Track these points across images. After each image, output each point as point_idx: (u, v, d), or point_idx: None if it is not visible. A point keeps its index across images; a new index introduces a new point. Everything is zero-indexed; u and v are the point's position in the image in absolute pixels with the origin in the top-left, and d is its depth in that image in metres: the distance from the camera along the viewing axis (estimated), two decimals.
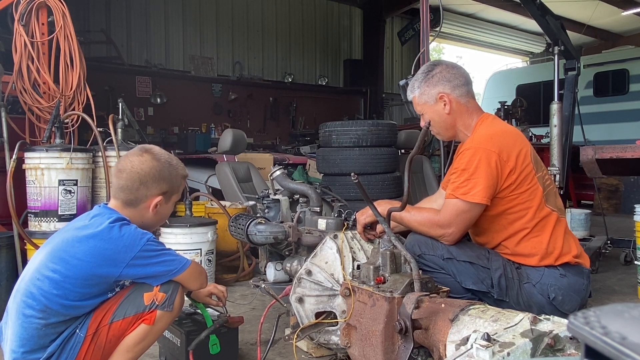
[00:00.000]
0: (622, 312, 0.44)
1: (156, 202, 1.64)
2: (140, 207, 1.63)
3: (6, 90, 3.42)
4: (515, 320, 1.21)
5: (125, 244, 1.50)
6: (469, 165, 1.87)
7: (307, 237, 2.04)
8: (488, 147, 1.87)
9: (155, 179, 1.62)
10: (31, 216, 3.07)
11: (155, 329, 1.58)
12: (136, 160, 1.62)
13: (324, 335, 1.85)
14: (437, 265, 1.96)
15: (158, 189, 1.63)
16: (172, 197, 1.70)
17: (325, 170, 4.19)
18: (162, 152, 1.70)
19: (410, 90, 2.12)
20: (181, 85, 9.08)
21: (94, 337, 1.51)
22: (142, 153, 1.65)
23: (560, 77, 4.24)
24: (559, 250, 1.94)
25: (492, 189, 1.87)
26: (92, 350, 1.51)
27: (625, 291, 3.24)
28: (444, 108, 2.02)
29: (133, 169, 1.61)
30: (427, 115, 2.07)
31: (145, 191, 1.61)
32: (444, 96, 2.01)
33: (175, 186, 1.69)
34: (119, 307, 1.55)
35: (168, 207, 1.71)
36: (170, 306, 1.58)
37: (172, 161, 1.70)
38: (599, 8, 10.62)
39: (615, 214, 7.33)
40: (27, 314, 1.46)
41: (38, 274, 1.49)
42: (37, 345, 1.47)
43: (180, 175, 1.72)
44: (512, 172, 1.88)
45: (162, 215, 1.71)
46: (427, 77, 2.05)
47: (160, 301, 1.56)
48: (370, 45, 11.08)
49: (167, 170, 1.65)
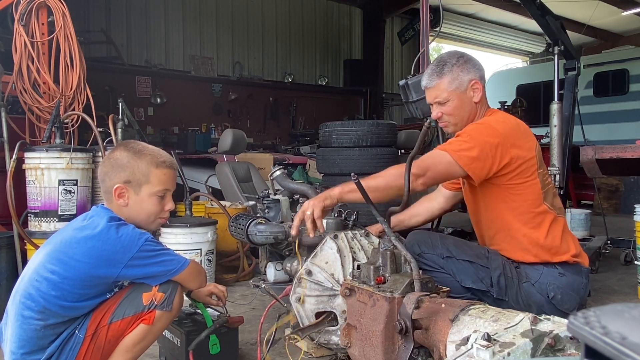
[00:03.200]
0: (622, 312, 0.44)
1: (115, 190, 1.59)
2: (112, 199, 1.61)
3: (6, 90, 3.43)
4: (515, 320, 1.21)
5: (123, 244, 1.49)
6: (473, 132, 1.87)
7: (307, 237, 2.04)
8: (496, 127, 1.88)
9: (114, 167, 1.61)
10: (31, 216, 3.07)
11: (154, 329, 1.58)
12: (108, 153, 1.68)
13: (324, 335, 1.85)
14: (436, 264, 1.96)
15: (117, 177, 1.59)
16: (141, 187, 1.60)
17: (325, 170, 4.20)
18: (140, 143, 1.67)
19: (437, 75, 2.00)
20: (181, 85, 9.08)
21: (93, 337, 1.51)
22: (117, 146, 1.69)
23: (560, 77, 4.24)
24: (557, 247, 1.94)
25: (481, 162, 1.83)
26: (91, 350, 1.51)
27: (625, 291, 3.24)
28: (473, 96, 1.99)
29: (103, 161, 1.67)
30: (452, 103, 1.99)
31: (109, 181, 1.61)
32: (476, 83, 1.98)
33: (140, 175, 1.59)
34: (117, 308, 1.54)
35: (142, 199, 1.61)
36: (169, 306, 1.57)
37: (141, 148, 1.63)
38: (599, 8, 10.62)
39: (615, 214, 7.33)
40: (26, 315, 1.46)
41: (36, 274, 1.49)
42: (37, 346, 1.47)
43: (147, 163, 1.60)
44: (513, 160, 1.87)
45: (139, 208, 1.62)
46: (459, 62, 1.98)
47: (159, 301, 1.55)
48: (370, 45, 11.09)
49: (126, 158, 1.60)
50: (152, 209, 1.64)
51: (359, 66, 11.15)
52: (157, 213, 1.66)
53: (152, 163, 1.62)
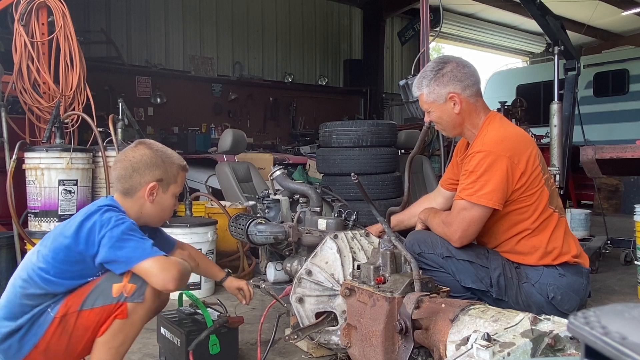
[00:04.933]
0: (622, 312, 0.44)
1: (150, 188, 1.63)
2: (136, 196, 1.64)
3: (6, 90, 3.43)
4: (515, 320, 1.21)
5: (102, 222, 1.49)
6: (477, 168, 1.86)
7: (307, 237, 2.04)
8: (499, 151, 1.86)
9: (147, 166, 1.64)
10: (31, 216, 3.07)
11: (130, 322, 1.51)
12: (130, 151, 1.68)
13: (324, 335, 1.85)
14: (436, 264, 1.96)
15: (151, 175, 1.64)
16: (169, 187, 1.69)
17: (325, 170, 4.19)
18: (158, 143, 1.74)
19: (418, 87, 2.05)
20: (181, 85, 9.07)
21: (62, 321, 1.49)
22: (137, 144, 1.71)
23: (560, 77, 4.24)
24: (559, 249, 1.94)
25: (502, 192, 1.85)
26: (58, 333, 1.49)
27: (625, 291, 3.24)
28: (453, 108, 1.98)
29: (126, 158, 1.66)
30: (434, 113, 2.02)
31: (139, 178, 1.63)
32: (455, 96, 1.96)
33: (171, 175, 1.69)
34: (89, 295, 1.51)
35: (167, 197, 1.69)
36: (140, 297, 1.50)
37: (167, 151, 1.72)
38: (599, 8, 10.62)
39: (615, 214, 7.33)
40: (15, 284, 1.53)
41: (35, 249, 1.59)
42: (11, 314, 1.50)
43: (177, 165, 1.71)
44: (523, 175, 1.88)
45: (161, 206, 1.69)
46: (437, 75, 1.97)
47: (129, 293, 1.49)
48: (370, 45, 11.08)
49: (159, 158, 1.67)
50: (170, 208, 1.74)
51: (359, 66, 11.14)
52: (170, 212, 1.76)
53: (180, 166, 1.73)
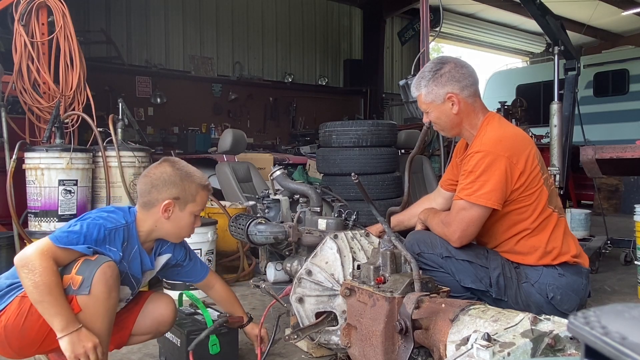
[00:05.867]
0: (622, 312, 0.44)
1: (165, 205, 1.66)
2: (152, 211, 1.68)
3: (6, 90, 3.43)
4: (515, 320, 1.21)
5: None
6: (476, 168, 1.87)
7: (307, 237, 2.04)
8: (498, 151, 1.86)
9: (165, 183, 1.68)
10: (31, 216, 3.07)
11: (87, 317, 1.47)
12: (153, 167, 1.73)
13: (324, 335, 1.85)
14: (436, 264, 1.96)
15: (168, 193, 1.67)
16: (187, 205, 1.70)
17: (325, 170, 4.19)
18: (182, 162, 1.77)
19: (416, 87, 2.05)
20: (181, 85, 9.08)
21: (21, 301, 1.50)
22: (162, 161, 1.75)
23: (560, 77, 4.23)
24: (558, 249, 1.94)
25: (501, 192, 1.85)
26: (15, 313, 1.49)
27: (625, 291, 3.24)
28: (451, 108, 1.98)
29: (148, 174, 1.71)
30: (432, 114, 2.03)
31: (157, 194, 1.67)
32: (453, 97, 1.96)
33: (189, 194, 1.70)
34: None
35: (183, 216, 1.71)
36: (86, 289, 1.46)
37: (189, 169, 1.74)
38: (599, 8, 10.61)
39: (615, 214, 7.33)
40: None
41: None
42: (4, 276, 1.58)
43: (196, 185, 1.71)
44: (522, 174, 1.88)
45: (178, 223, 1.71)
46: (435, 75, 1.98)
47: (76, 285, 1.47)
48: (370, 45, 11.08)
49: (178, 176, 1.69)
50: (188, 226, 1.75)
51: (359, 66, 11.14)
52: (189, 230, 1.77)
53: (200, 185, 1.74)
